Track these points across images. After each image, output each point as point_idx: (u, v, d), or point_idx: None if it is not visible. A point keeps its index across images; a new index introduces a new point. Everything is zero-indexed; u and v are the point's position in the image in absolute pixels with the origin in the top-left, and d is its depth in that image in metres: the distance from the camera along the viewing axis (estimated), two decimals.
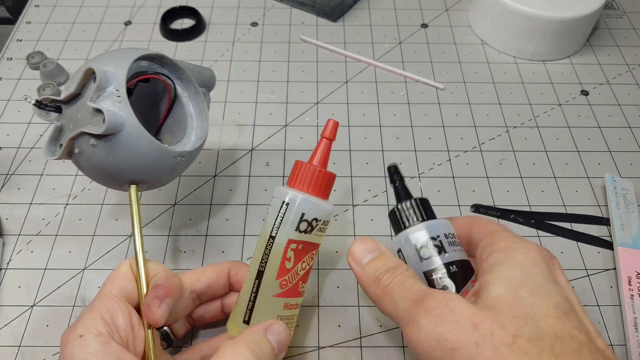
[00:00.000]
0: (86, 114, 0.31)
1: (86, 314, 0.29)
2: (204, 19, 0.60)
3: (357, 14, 0.62)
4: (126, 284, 0.31)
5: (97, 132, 0.30)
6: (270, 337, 0.30)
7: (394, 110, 0.52)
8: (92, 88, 0.31)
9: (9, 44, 0.58)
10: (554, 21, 0.53)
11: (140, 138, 0.31)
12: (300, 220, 0.31)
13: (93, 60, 0.32)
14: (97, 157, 0.31)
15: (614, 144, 0.50)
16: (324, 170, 0.32)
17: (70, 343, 0.27)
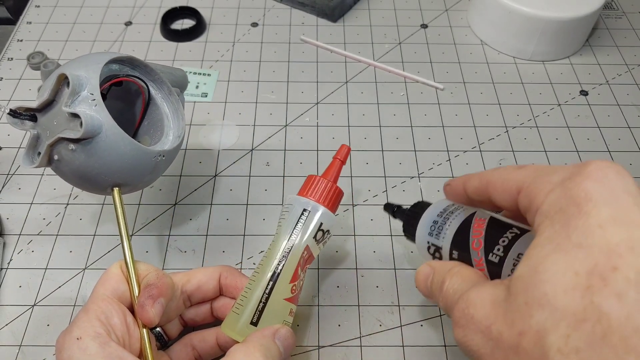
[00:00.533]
0: (62, 120, 0.31)
1: (81, 316, 0.29)
2: (205, 19, 0.61)
3: (357, 15, 0.63)
4: (118, 284, 0.31)
5: (75, 137, 0.30)
6: (278, 342, 0.30)
7: (394, 110, 0.53)
8: (66, 93, 0.31)
9: (10, 44, 0.58)
10: (553, 21, 0.53)
11: (119, 140, 0.31)
12: (318, 229, 0.33)
13: (64, 66, 0.32)
14: (77, 162, 0.31)
15: (613, 144, 0.50)
16: (338, 187, 0.34)
17: (67, 346, 0.27)
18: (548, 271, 0.18)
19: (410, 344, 0.38)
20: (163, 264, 0.42)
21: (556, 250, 0.18)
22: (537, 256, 0.19)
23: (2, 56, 0.57)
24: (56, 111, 0.31)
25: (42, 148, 0.32)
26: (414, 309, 0.40)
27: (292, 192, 0.46)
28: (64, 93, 0.31)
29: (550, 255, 0.18)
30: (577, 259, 0.17)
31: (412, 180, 0.47)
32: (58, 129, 0.31)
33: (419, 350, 0.38)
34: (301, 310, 0.39)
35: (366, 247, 0.43)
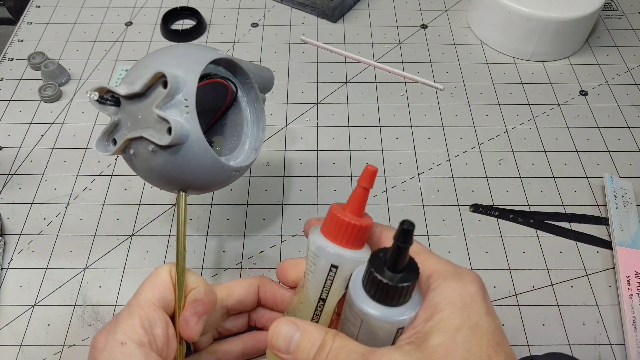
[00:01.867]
0: (148, 117, 0.29)
1: (125, 318, 0.27)
2: (205, 19, 0.61)
3: (357, 15, 0.63)
4: (165, 292, 0.29)
5: (160, 143, 0.28)
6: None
7: (394, 110, 0.53)
8: (160, 92, 0.29)
9: (10, 44, 0.59)
10: (553, 22, 0.53)
11: (201, 152, 0.30)
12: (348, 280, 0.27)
13: (161, 61, 0.30)
14: (153, 163, 0.30)
15: (612, 144, 0.50)
16: (365, 224, 0.27)
17: (109, 349, 0.26)
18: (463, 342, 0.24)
19: None
20: (163, 264, 0.42)
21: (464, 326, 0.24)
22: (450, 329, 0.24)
23: (2, 56, 0.57)
24: (144, 105, 0.29)
25: (119, 137, 0.30)
26: None
27: (293, 191, 0.46)
28: (157, 91, 0.29)
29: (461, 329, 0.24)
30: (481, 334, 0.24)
31: (412, 180, 0.47)
32: (141, 124, 0.29)
33: None
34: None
35: None
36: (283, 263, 0.31)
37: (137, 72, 0.30)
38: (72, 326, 0.38)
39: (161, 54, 0.31)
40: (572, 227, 0.44)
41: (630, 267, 0.41)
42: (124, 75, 0.31)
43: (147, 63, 0.30)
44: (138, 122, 0.29)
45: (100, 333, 0.27)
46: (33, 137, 0.50)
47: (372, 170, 0.27)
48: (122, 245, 0.43)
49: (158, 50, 0.32)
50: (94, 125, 0.51)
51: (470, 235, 0.44)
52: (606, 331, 0.39)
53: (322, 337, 0.25)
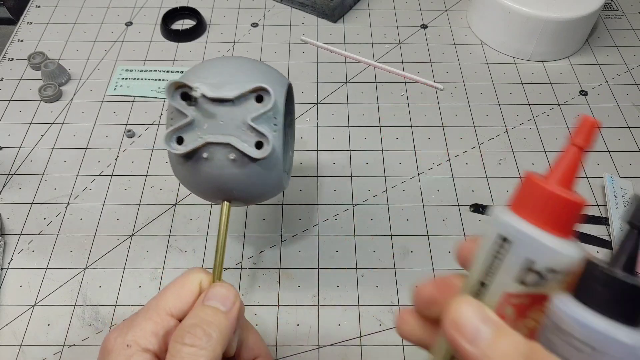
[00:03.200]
0: (232, 124, 0.29)
1: (140, 320, 0.26)
2: (205, 19, 0.61)
3: (357, 15, 0.63)
4: (188, 306, 0.27)
5: (252, 155, 0.28)
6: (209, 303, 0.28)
7: (394, 110, 0.53)
8: (254, 105, 0.29)
9: (10, 44, 0.59)
10: (553, 22, 0.53)
11: (275, 170, 0.30)
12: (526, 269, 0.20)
13: (250, 74, 0.30)
14: (226, 171, 0.29)
15: (612, 144, 0.50)
16: (578, 201, 0.20)
17: (116, 351, 0.25)
18: None
19: (410, 344, 0.38)
20: (163, 264, 0.42)
21: None
22: None
23: (2, 56, 0.57)
24: (230, 112, 0.29)
25: (191, 137, 0.29)
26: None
27: (293, 191, 0.46)
28: (250, 103, 0.29)
29: None
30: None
31: (412, 180, 0.47)
32: (223, 130, 0.29)
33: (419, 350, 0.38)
34: (301, 310, 0.39)
35: (366, 247, 0.43)
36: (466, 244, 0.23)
37: (221, 76, 0.30)
38: (72, 326, 0.38)
39: (245, 65, 0.31)
40: None
41: None
42: (193, 71, 0.30)
43: (232, 70, 0.30)
44: (219, 127, 0.29)
45: (111, 333, 0.26)
46: (33, 137, 0.50)
47: (591, 122, 0.19)
48: (122, 245, 0.43)
49: (235, 59, 0.31)
50: (94, 125, 0.51)
51: (470, 235, 0.44)
52: None
53: (529, 347, 0.18)
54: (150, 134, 0.50)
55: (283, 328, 0.39)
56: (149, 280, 0.41)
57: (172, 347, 0.25)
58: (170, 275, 0.41)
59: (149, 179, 0.47)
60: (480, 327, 0.19)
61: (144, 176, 0.47)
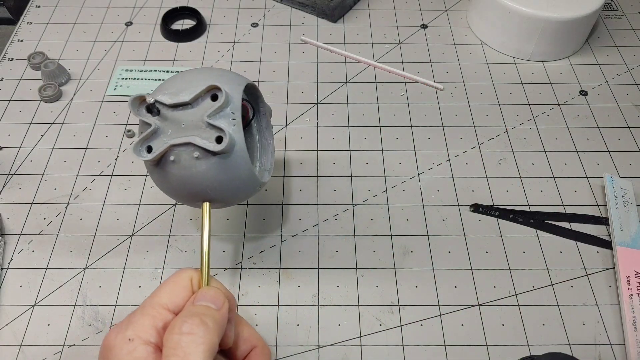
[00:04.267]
0: (193, 126, 0.31)
1: (137, 318, 0.27)
2: (205, 19, 0.61)
3: (357, 15, 0.63)
4: (182, 301, 0.29)
5: (212, 149, 0.30)
6: (199, 303, 0.29)
7: (394, 110, 0.53)
8: (209, 104, 0.31)
9: (10, 44, 0.59)
10: (553, 22, 0.54)
11: (242, 163, 0.32)
12: None
13: (204, 78, 0.32)
14: (194, 170, 0.31)
15: (612, 144, 0.50)
16: None
17: (118, 345, 0.26)
18: None
19: (410, 343, 0.38)
20: (163, 264, 0.42)
21: None
22: None
23: (2, 56, 0.57)
24: (189, 115, 0.31)
25: (158, 144, 0.31)
26: (414, 308, 0.40)
27: (293, 191, 0.46)
28: (206, 102, 0.31)
29: None
30: None
31: (412, 180, 0.47)
32: (185, 132, 0.31)
33: (419, 350, 0.38)
34: (301, 310, 0.39)
35: (366, 247, 0.43)
36: None
37: (178, 85, 0.32)
38: (72, 326, 0.38)
39: (201, 72, 0.33)
40: (572, 227, 0.44)
41: (630, 267, 0.41)
42: (159, 87, 0.33)
43: (189, 78, 0.32)
44: (181, 130, 0.31)
45: (111, 332, 0.27)
46: (33, 137, 0.50)
47: None
48: (122, 245, 0.43)
49: (194, 70, 0.34)
50: (94, 125, 0.51)
51: (470, 235, 0.44)
52: (606, 331, 0.39)
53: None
54: None
55: (283, 328, 0.39)
56: (149, 280, 0.41)
57: (169, 340, 0.26)
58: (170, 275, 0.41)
59: (149, 179, 0.47)
60: None
61: (144, 176, 0.47)
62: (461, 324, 0.39)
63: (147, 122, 0.31)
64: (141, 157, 0.31)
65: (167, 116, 0.31)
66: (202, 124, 0.31)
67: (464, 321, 0.39)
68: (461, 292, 0.41)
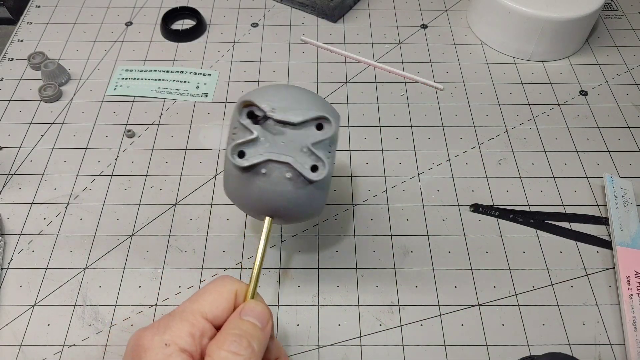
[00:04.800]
0: (292, 146, 0.31)
1: (176, 322, 0.27)
2: (205, 19, 0.61)
3: (357, 15, 0.63)
4: (222, 313, 0.28)
5: (309, 177, 0.31)
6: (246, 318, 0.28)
7: (394, 110, 0.53)
8: (314, 131, 0.31)
9: (10, 44, 0.59)
10: (553, 22, 0.53)
11: (324, 192, 0.33)
12: None
13: (316, 103, 0.32)
14: (280, 189, 0.31)
15: (612, 144, 0.50)
16: None
17: (155, 349, 0.26)
18: None
19: (410, 343, 0.38)
20: (163, 264, 0.42)
21: None
22: None
23: (2, 56, 0.57)
24: (292, 135, 0.31)
25: (252, 153, 0.31)
26: (414, 308, 0.40)
27: None
28: (311, 129, 0.31)
29: None
30: None
31: (412, 180, 0.47)
32: (283, 150, 0.31)
33: (419, 350, 0.38)
34: (301, 310, 0.39)
35: (366, 247, 0.43)
36: None
37: (286, 101, 0.31)
38: (72, 326, 0.38)
39: (306, 94, 0.33)
40: (572, 227, 0.44)
41: (630, 267, 0.41)
42: (259, 93, 0.32)
43: (297, 97, 0.32)
44: (280, 146, 0.31)
45: (146, 331, 0.27)
46: (33, 137, 0.50)
47: None
48: (122, 245, 0.43)
49: (298, 89, 0.33)
50: (94, 125, 0.51)
51: (470, 235, 0.44)
52: (606, 331, 0.39)
53: None
54: (150, 134, 0.50)
55: (283, 328, 0.39)
56: (149, 280, 0.41)
57: (213, 352, 0.26)
58: (170, 275, 0.41)
59: (149, 179, 0.47)
60: None
61: (144, 176, 0.47)
62: (461, 324, 0.39)
63: (249, 129, 0.31)
64: (235, 161, 0.31)
65: (270, 129, 0.31)
66: (302, 148, 0.31)
67: (464, 321, 0.39)
68: (461, 292, 0.41)
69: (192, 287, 0.41)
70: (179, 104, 0.53)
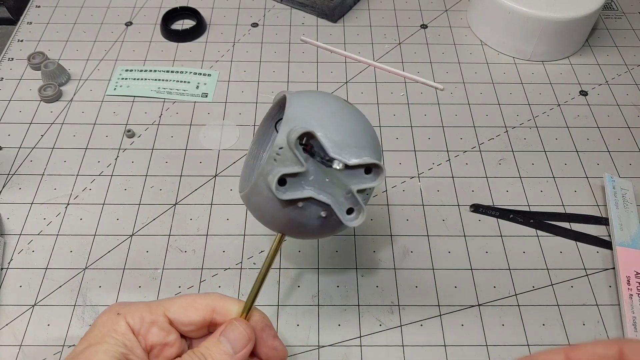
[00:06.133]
0: (336, 185, 0.29)
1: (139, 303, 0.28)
2: (205, 19, 0.61)
3: (357, 15, 0.63)
4: (190, 324, 0.28)
5: (345, 221, 0.29)
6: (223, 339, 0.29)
7: (394, 110, 0.53)
8: (362, 175, 0.29)
9: (10, 44, 0.59)
10: (553, 22, 0.53)
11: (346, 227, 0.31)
12: None
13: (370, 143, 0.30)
14: (311, 222, 0.30)
15: (612, 144, 0.50)
16: None
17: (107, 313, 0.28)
18: None
19: (410, 344, 0.38)
20: (163, 264, 0.42)
21: None
22: None
23: (2, 56, 0.57)
24: (338, 175, 0.29)
25: (294, 183, 0.29)
26: (414, 309, 0.40)
27: None
28: (359, 172, 0.29)
29: None
30: None
31: (412, 180, 0.47)
32: (325, 188, 0.29)
33: (419, 350, 0.38)
34: (301, 310, 0.39)
35: (366, 247, 0.43)
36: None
37: (342, 135, 0.29)
38: (72, 326, 0.38)
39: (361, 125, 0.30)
40: (572, 227, 0.44)
41: (630, 267, 0.41)
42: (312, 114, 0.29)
43: (353, 129, 0.30)
44: (324, 184, 0.29)
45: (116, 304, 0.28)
46: (33, 137, 0.50)
47: None
48: (122, 245, 0.43)
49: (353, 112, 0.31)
50: (94, 125, 0.51)
51: (470, 235, 0.44)
52: (606, 331, 0.39)
53: None
54: (150, 134, 0.50)
55: (283, 328, 0.39)
56: (149, 280, 0.41)
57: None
58: (170, 275, 0.41)
59: (149, 179, 0.47)
60: None
61: (144, 176, 0.47)
62: (461, 324, 0.39)
63: (300, 161, 0.28)
64: (277, 190, 0.28)
65: (321, 164, 0.29)
66: (344, 189, 0.29)
67: (464, 321, 0.39)
68: (461, 292, 0.41)
69: (192, 287, 0.41)
70: (179, 104, 0.53)
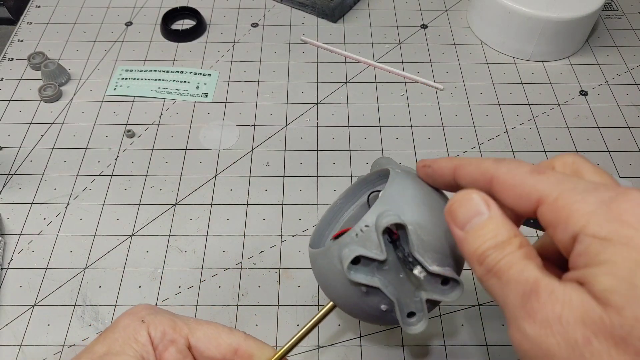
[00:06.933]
0: (407, 284, 0.27)
1: (167, 314, 0.28)
2: (205, 19, 0.61)
3: (357, 15, 0.63)
4: (208, 352, 0.27)
5: (405, 327, 0.28)
6: None
7: (394, 110, 0.53)
8: (438, 284, 0.27)
9: (10, 44, 0.59)
10: (553, 22, 0.53)
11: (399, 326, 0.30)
12: None
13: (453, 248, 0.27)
14: (367, 309, 0.28)
15: (612, 144, 0.50)
16: None
17: (130, 315, 0.27)
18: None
19: (410, 344, 0.38)
20: (163, 264, 0.42)
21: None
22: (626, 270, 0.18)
23: (2, 56, 0.57)
24: (410, 273, 0.27)
25: (367, 268, 0.27)
26: None
27: (293, 191, 0.46)
28: (435, 278, 0.27)
29: None
30: None
31: None
32: (397, 284, 0.27)
33: (419, 350, 0.38)
34: (301, 310, 0.39)
35: None
36: None
37: (432, 236, 0.27)
38: (72, 326, 0.38)
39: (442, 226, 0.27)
40: None
41: None
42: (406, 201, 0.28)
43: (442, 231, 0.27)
44: (395, 278, 0.27)
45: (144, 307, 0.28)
46: (33, 137, 0.50)
47: None
48: (122, 245, 0.43)
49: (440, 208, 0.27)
50: (94, 125, 0.51)
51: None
52: None
53: (508, 235, 0.21)
54: (150, 134, 0.50)
55: (283, 328, 0.39)
56: (149, 280, 0.41)
57: None
58: (170, 275, 0.41)
59: (149, 179, 0.47)
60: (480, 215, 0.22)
61: (144, 176, 0.47)
62: (461, 324, 0.39)
63: (381, 248, 0.26)
64: (349, 270, 0.26)
65: (400, 260, 0.27)
66: (414, 291, 0.27)
67: (464, 321, 0.39)
68: None
69: (192, 287, 0.41)
70: (179, 104, 0.53)
